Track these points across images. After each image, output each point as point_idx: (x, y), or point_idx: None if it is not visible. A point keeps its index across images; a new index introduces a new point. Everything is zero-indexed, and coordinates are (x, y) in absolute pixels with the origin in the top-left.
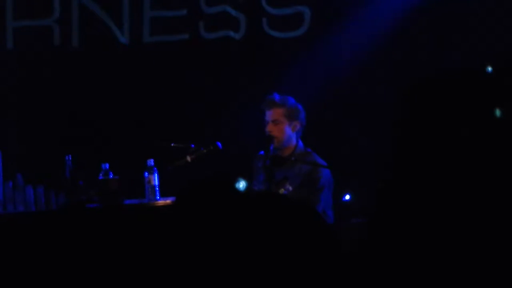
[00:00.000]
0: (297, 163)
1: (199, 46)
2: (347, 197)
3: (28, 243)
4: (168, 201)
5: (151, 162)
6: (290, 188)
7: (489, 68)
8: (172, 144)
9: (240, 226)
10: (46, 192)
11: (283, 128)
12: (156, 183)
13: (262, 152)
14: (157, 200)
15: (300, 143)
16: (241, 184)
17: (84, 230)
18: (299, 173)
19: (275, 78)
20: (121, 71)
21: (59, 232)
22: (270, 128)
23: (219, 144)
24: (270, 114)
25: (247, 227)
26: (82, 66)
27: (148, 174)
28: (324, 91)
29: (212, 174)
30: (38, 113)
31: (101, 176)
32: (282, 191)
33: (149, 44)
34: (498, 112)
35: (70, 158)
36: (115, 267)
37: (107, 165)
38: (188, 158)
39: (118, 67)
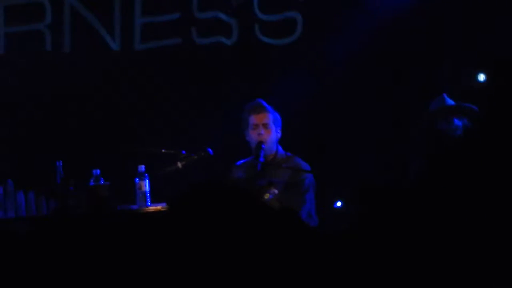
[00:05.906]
0: (280, 168)
1: (191, 51)
2: (339, 203)
3: (19, 248)
4: (159, 207)
5: (142, 168)
6: (276, 191)
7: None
8: (163, 150)
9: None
10: (37, 197)
11: (272, 133)
12: (147, 189)
13: (240, 162)
14: (148, 206)
15: (280, 148)
16: None
17: (75, 236)
18: (283, 177)
19: (267, 84)
20: (112, 77)
21: (50, 237)
22: (261, 131)
23: (210, 150)
24: (260, 118)
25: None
26: (73, 72)
27: (139, 180)
28: (315, 98)
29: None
30: (29, 119)
31: (91, 182)
32: (267, 196)
33: (141, 50)
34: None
35: (61, 164)
36: (106, 271)
37: (98, 171)
38: (179, 164)
39: (109, 73)
